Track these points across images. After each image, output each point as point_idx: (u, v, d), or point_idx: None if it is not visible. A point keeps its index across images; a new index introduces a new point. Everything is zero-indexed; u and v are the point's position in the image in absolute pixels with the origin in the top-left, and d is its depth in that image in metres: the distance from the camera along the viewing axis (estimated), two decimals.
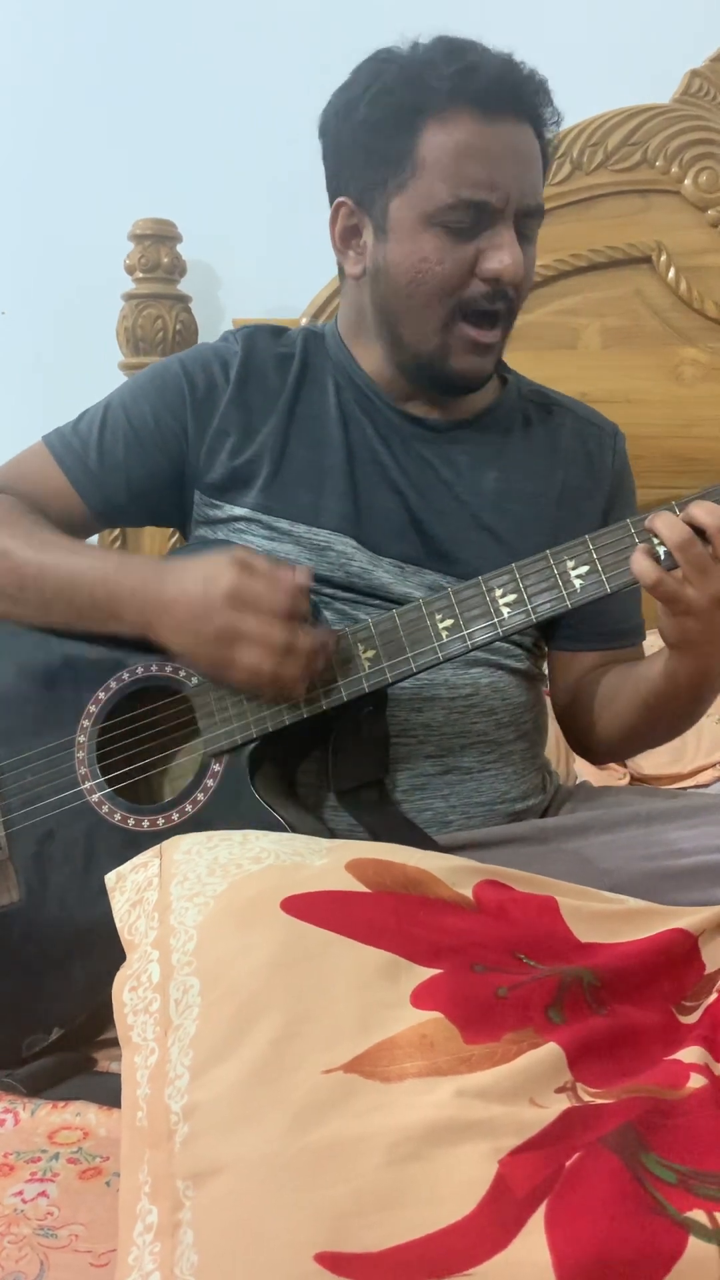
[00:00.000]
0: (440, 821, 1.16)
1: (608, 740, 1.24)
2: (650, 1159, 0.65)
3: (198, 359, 1.24)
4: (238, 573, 1.03)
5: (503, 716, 1.19)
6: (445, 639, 1.05)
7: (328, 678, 1.07)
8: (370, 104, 1.12)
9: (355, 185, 1.15)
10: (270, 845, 0.87)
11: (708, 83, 2.10)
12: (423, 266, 1.11)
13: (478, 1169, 0.64)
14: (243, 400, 1.21)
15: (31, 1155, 0.94)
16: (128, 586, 1.09)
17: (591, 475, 1.26)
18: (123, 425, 1.22)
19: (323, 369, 1.23)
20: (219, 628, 1.02)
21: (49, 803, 1.13)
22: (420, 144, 1.09)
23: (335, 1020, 0.72)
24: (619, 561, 1.01)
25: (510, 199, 1.09)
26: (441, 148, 1.09)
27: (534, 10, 2.13)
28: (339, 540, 1.17)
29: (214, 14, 2.24)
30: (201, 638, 1.04)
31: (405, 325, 1.15)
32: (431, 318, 1.13)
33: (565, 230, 2.10)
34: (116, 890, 0.87)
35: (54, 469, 1.23)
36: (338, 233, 1.18)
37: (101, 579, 1.11)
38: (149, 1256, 0.63)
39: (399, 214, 1.12)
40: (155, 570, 1.09)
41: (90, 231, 2.25)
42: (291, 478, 1.19)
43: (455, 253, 1.10)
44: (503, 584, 1.04)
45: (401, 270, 1.12)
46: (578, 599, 1.02)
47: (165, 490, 1.23)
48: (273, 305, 2.19)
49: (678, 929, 0.87)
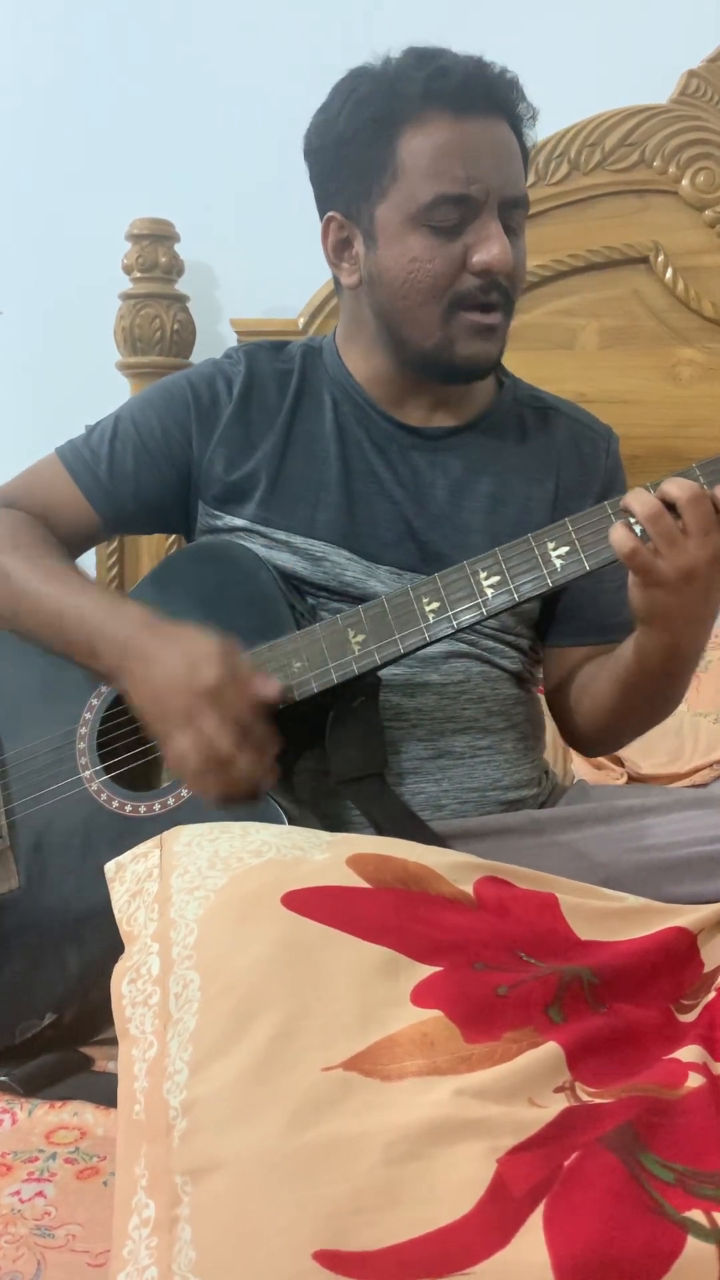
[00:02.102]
0: (433, 805, 1.18)
1: (592, 726, 1.25)
2: (649, 1158, 0.65)
3: (203, 375, 1.28)
4: (222, 672, 1.04)
5: (492, 705, 1.21)
6: (432, 620, 1.07)
7: (318, 670, 1.08)
8: (348, 118, 1.15)
9: (342, 199, 1.18)
10: (271, 838, 0.87)
11: (705, 83, 2.10)
12: (414, 267, 1.13)
13: (476, 1168, 0.64)
14: (244, 416, 1.24)
15: (29, 1155, 0.94)
16: (112, 634, 1.11)
17: (585, 477, 1.27)
18: (132, 437, 1.26)
19: (320, 385, 1.26)
20: (183, 711, 1.04)
21: (49, 791, 1.15)
22: (399, 149, 1.12)
23: (335, 1017, 0.72)
24: (597, 541, 1.03)
25: (491, 191, 1.12)
26: (419, 150, 1.12)
27: (532, 12, 2.13)
28: (334, 551, 1.20)
29: (213, 14, 2.24)
30: (162, 707, 1.06)
31: (406, 326, 1.17)
32: (430, 315, 1.15)
33: (562, 230, 2.09)
34: (116, 880, 0.87)
35: (66, 479, 1.26)
36: (330, 247, 1.21)
37: (91, 620, 1.12)
38: (145, 1251, 0.63)
39: (385, 220, 1.14)
40: (145, 628, 1.10)
41: (88, 231, 2.25)
42: (288, 492, 1.22)
43: (444, 250, 1.13)
44: (486, 566, 1.06)
45: (394, 274, 1.15)
46: (558, 578, 1.04)
47: (171, 500, 1.27)
48: (270, 305, 2.19)
49: (677, 927, 0.87)
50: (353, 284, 1.20)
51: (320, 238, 1.21)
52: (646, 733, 1.28)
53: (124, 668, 1.09)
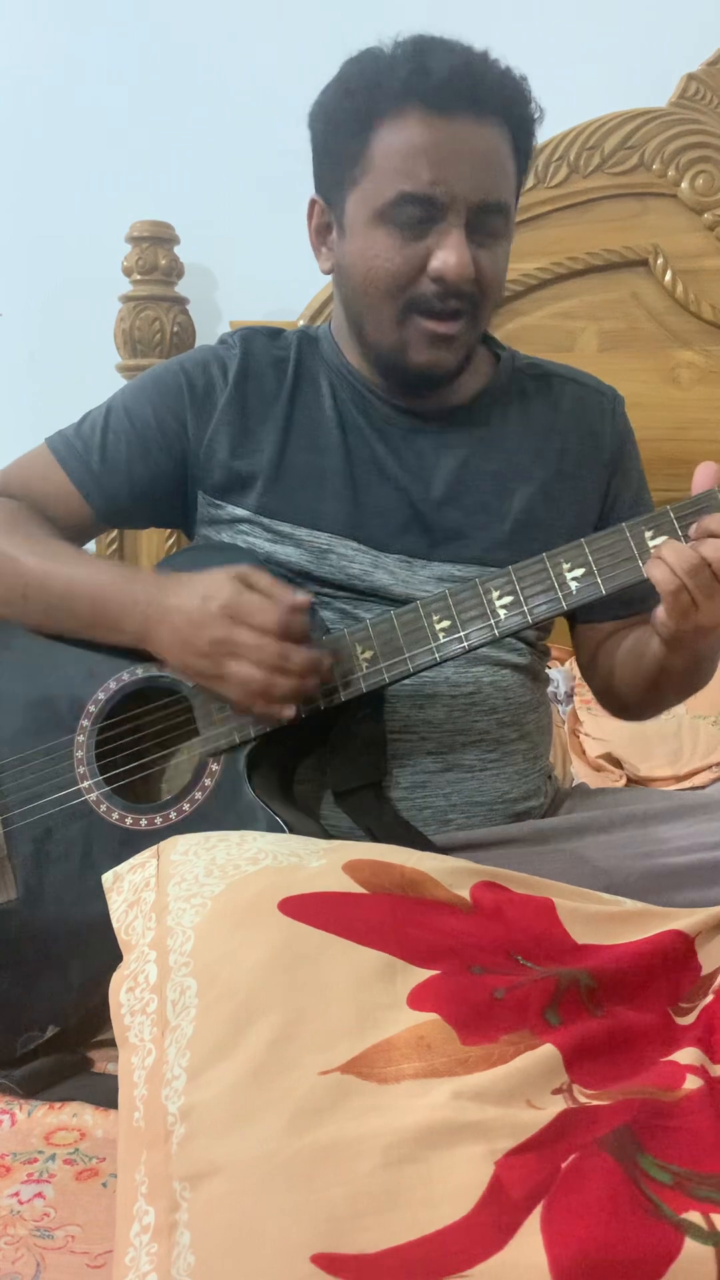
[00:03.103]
0: (440, 819, 1.16)
1: (630, 699, 1.28)
2: (646, 1160, 0.65)
3: (197, 361, 1.25)
4: (235, 587, 1.04)
5: (505, 716, 1.19)
6: (442, 639, 1.06)
7: (325, 687, 1.07)
8: (335, 105, 1.14)
9: (324, 184, 1.18)
10: (267, 846, 0.87)
11: (704, 86, 2.10)
12: (374, 264, 1.12)
13: (474, 1171, 0.64)
14: (241, 401, 1.22)
15: (28, 1156, 0.94)
16: (129, 598, 1.10)
17: (592, 443, 1.26)
18: (125, 426, 1.23)
19: (318, 371, 1.24)
20: (212, 640, 1.03)
21: (47, 801, 1.13)
22: (372, 143, 1.11)
23: (332, 1021, 0.72)
24: (615, 564, 1.02)
25: (457, 196, 1.09)
26: (390, 146, 1.10)
27: (532, 14, 2.13)
28: (340, 543, 1.18)
29: (212, 16, 2.24)
30: (195, 649, 1.05)
31: (366, 320, 1.17)
32: (386, 314, 1.14)
33: (562, 233, 2.10)
34: (113, 890, 0.87)
35: (57, 471, 1.23)
36: (313, 229, 1.21)
37: (103, 589, 1.12)
38: (146, 1257, 0.63)
39: (354, 212, 1.14)
40: (157, 583, 1.10)
41: (88, 233, 2.25)
42: (291, 481, 1.20)
43: (405, 250, 1.11)
44: (499, 586, 1.05)
45: (356, 267, 1.14)
46: (573, 601, 1.03)
47: (167, 490, 1.24)
48: (270, 308, 2.19)
49: (674, 930, 0.87)
50: (327, 270, 1.21)
51: (305, 218, 1.21)
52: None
53: (148, 630, 1.08)
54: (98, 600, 1.12)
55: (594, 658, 1.29)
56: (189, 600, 1.05)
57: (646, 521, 1.02)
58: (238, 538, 1.21)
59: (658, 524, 1.02)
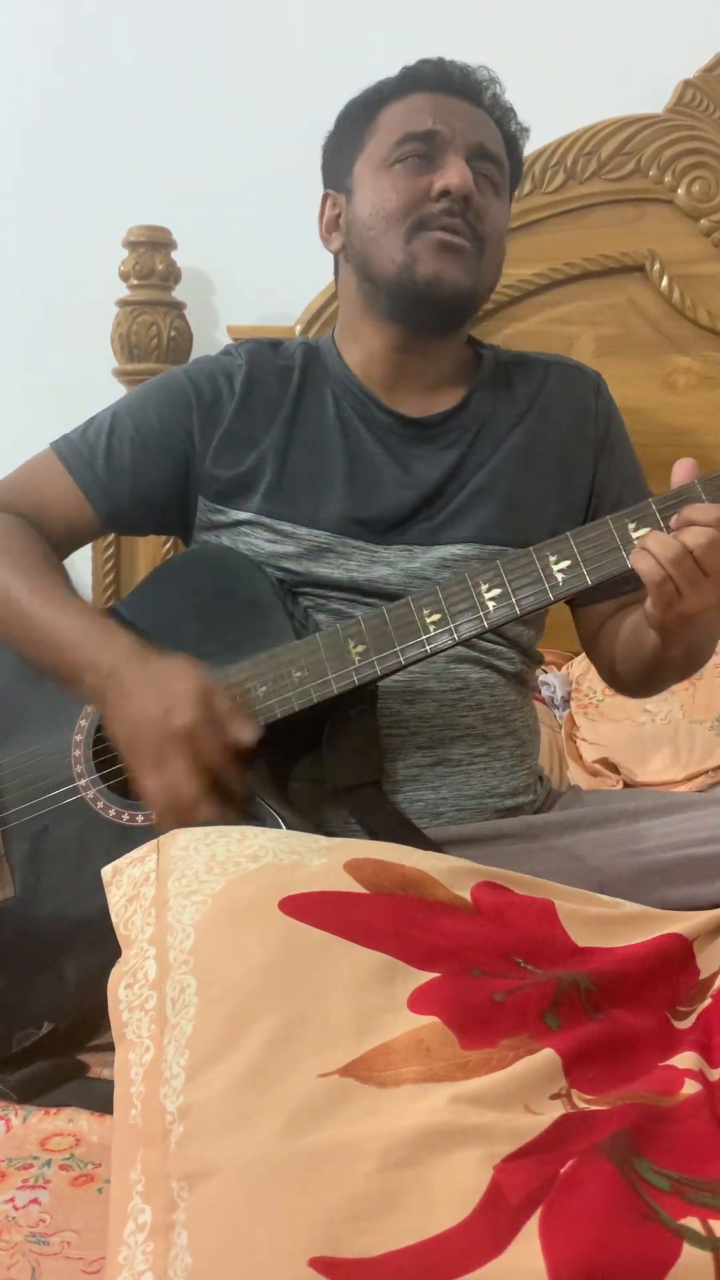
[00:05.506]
0: (431, 813, 1.18)
1: (632, 679, 1.30)
2: (644, 1166, 0.65)
3: (202, 370, 1.29)
4: (195, 717, 1.04)
5: (490, 712, 1.22)
6: (432, 632, 1.07)
7: (318, 680, 1.09)
8: (344, 114, 1.28)
9: (333, 177, 1.27)
10: (268, 843, 0.87)
11: (700, 93, 2.10)
12: (382, 199, 1.20)
13: (472, 1175, 0.63)
14: (247, 410, 1.25)
15: (23, 1162, 0.93)
16: (99, 663, 1.10)
17: (580, 422, 1.30)
18: (130, 431, 1.25)
19: (321, 380, 1.28)
20: (154, 752, 1.05)
21: (44, 799, 1.15)
22: (379, 117, 1.23)
23: (332, 1023, 0.71)
24: (599, 555, 1.04)
25: (458, 133, 1.19)
26: (394, 112, 1.23)
27: (528, 20, 2.14)
28: (339, 542, 1.20)
29: (211, 21, 2.25)
30: (136, 745, 1.06)
31: (375, 259, 1.21)
32: (394, 239, 1.19)
33: (558, 239, 2.10)
34: (113, 884, 0.87)
35: (63, 475, 1.25)
36: (324, 224, 1.29)
37: (78, 647, 1.12)
38: (141, 1256, 0.62)
39: (361, 171, 1.23)
40: (130, 660, 1.09)
41: (85, 237, 2.25)
42: (293, 483, 1.22)
43: (411, 183, 1.19)
44: (488, 579, 1.07)
45: (365, 211, 1.21)
46: (560, 592, 1.06)
47: (170, 496, 1.26)
48: (267, 313, 2.19)
49: (673, 934, 0.87)
50: (338, 248, 1.27)
51: (317, 218, 1.29)
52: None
53: (104, 698, 1.09)
54: (70, 654, 1.12)
55: (596, 639, 1.32)
56: (151, 707, 1.05)
57: (630, 514, 1.05)
58: (238, 540, 1.23)
59: (640, 516, 1.04)
